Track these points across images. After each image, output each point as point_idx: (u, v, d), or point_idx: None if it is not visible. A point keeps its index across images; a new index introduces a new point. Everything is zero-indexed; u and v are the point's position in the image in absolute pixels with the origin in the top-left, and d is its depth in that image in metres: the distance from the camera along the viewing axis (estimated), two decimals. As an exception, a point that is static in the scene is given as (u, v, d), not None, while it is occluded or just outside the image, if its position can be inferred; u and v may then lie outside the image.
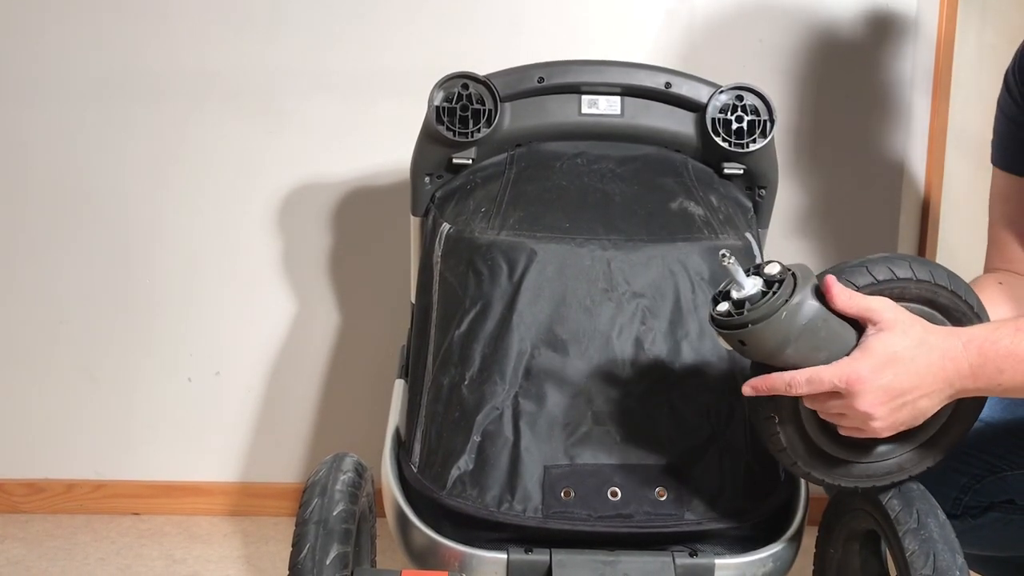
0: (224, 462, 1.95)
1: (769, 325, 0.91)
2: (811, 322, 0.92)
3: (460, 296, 1.16)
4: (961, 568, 0.97)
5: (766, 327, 0.91)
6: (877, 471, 1.03)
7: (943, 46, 1.80)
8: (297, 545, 1.00)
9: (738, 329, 0.92)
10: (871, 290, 0.97)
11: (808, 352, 0.93)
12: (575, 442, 1.09)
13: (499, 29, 1.79)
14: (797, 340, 0.92)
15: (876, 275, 0.97)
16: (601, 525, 1.06)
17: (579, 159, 1.30)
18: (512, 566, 1.04)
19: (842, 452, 1.02)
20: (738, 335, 0.93)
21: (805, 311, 0.92)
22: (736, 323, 0.92)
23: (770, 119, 1.30)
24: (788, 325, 0.92)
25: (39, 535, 1.88)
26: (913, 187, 1.86)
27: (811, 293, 0.93)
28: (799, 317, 0.92)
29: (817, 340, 0.93)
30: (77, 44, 1.81)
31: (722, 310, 0.94)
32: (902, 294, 0.98)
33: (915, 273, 0.98)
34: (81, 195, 1.86)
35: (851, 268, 0.98)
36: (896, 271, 0.98)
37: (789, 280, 0.93)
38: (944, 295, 0.99)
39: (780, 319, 0.91)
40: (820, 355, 0.94)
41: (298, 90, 1.82)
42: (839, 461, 1.02)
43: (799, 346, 0.93)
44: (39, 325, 1.91)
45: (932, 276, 0.99)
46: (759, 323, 0.91)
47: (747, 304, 0.93)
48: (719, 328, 0.95)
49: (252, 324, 1.91)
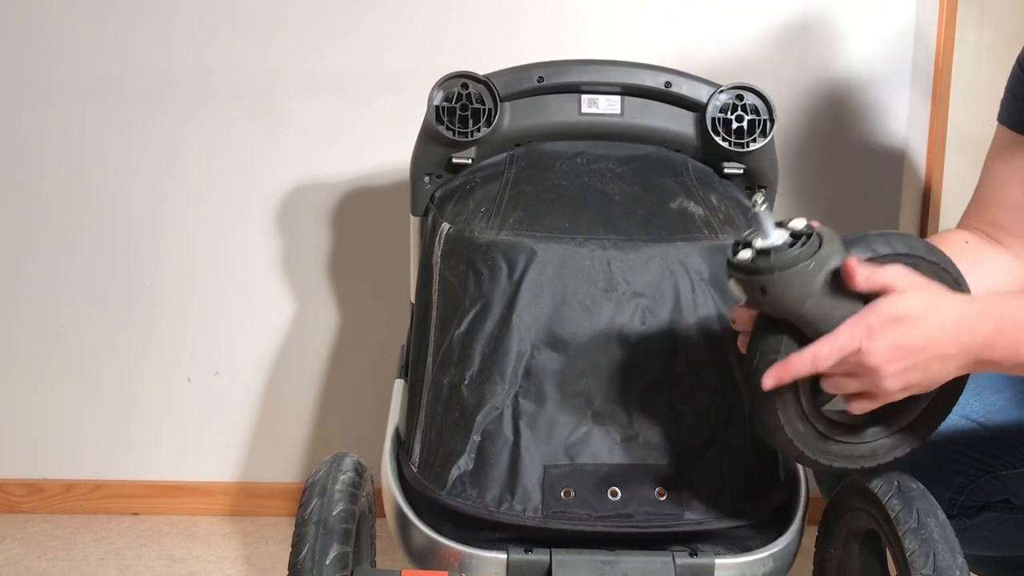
0: (223, 462, 1.95)
1: (796, 274, 0.90)
2: (835, 281, 0.92)
3: (460, 296, 1.16)
4: (961, 568, 0.97)
5: (793, 275, 0.90)
6: (852, 452, 1.02)
7: (942, 46, 1.80)
8: (297, 545, 1.00)
9: (763, 275, 0.91)
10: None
11: (828, 310, 0.92)
12: (575, 442, 1.09)
13: (499, 29, 1.80)
14: (819, 294, 0.91)
15: (878, 250, 0.97)
16: (601, 525, 1.06)
17: (579, 159, 1.29)
18: (512, 566, 1.04)
19: (828, 429, 1.01)
20: (761, 281, 0.91)
21: (830, 267, 0.92)
22: (762, 268, 0.91)
23: (770, 119, 1.30)
24: (813, 277, 0.91)
25: (38, 535, 1.88)
26: (913, 187, 1.86)
27: (838, 254, 0.93)
28: (824, 272, 0.91)
29: (836, 298, 0.92)
30: (77, 44, 1.81)
31: (744, 257, 0.93)
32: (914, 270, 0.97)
33: (927, 255, 0.98)
34: (81, 195, 1.86)
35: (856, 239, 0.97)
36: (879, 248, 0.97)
37: (816, 236, 0.93)
38: (924, 266, 0.98)
39: (807, 269, 0.91)
40: (836, 314, 0.92)
41: (298, 90, 1.82)
42: (824, 437, 1.01)
43: (820, 301, 0.91)
44: (39, 325, 1.91)
45: (942, 261, 0.98)
46: (787, 270, 0.90)
47: (772, 253, 0.91)
48: (741, 273, 0.93)
49: (251, 324, 1.91)
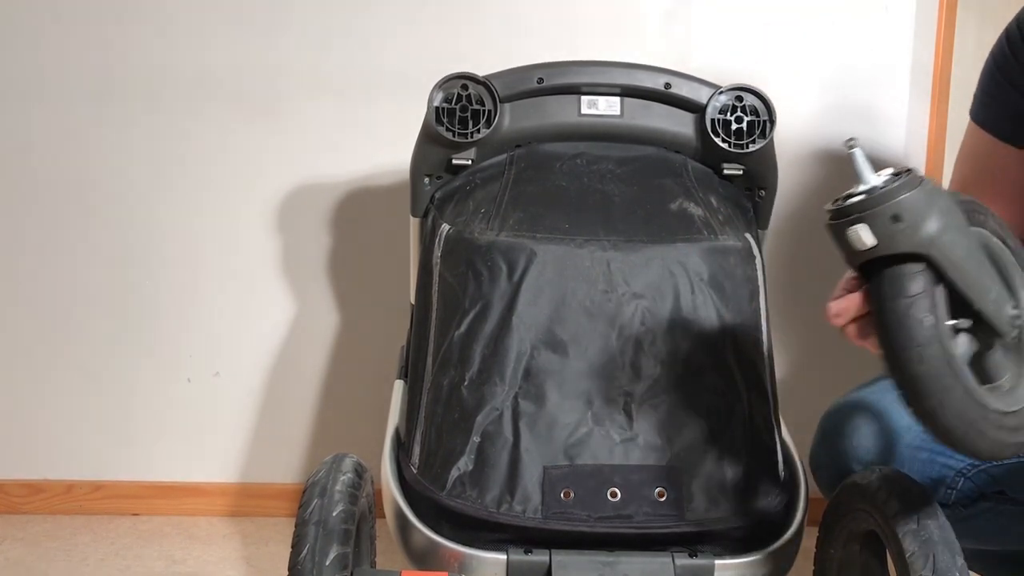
0: (223, 463, 1.95)
1: (923, 193, 0.83)
2: (952, 206, 0.87)
3: (460, 297, 1.16)
4: (961, 569, 0.97)
5: (921, 195, 0.83)
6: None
7: (942, 46, 1.80)
8: (297, 546, 1.00)
9: (893, 200, 0.83)
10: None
11: (955, 237, 0.86)
12: (575, 443, 1.09)
13: (499, 29, 1.79)
14: (947, 216, 0.85)
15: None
16: (601, 526, 1.06)
17: (579, 160, 1.29)
18: (512, 567, 1.04)
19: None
20: (893, 207, 0.83)
21: (944, 193, 0.87)
22: (889, 194, 0.83)
23: (770, 120, 1.30)
24: (938, 199, 0.85)
25: (38, 536, 1.88)
26: (913, 187, 1.86)
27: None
28: (943, 195, 0.86)
29: (959, 226, 0.87)
30: (77, 44, 1.81)
31: (861, 191, 0.85)
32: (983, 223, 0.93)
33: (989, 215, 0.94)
34: (81, 195, 1.86)
35: None
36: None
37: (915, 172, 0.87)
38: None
39: (930, 188, 0.84)
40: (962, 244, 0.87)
41: (298, 90, 1.82)
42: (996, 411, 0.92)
43: (949, 223, 0.85)
44: (39, 325, 1.91)
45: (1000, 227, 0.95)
46: (915, 190, 0.83)
47: (894, 180, 0.85)
48: (869, 208, 0.84)
49: (252, 324, 1.91)
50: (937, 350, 0.85)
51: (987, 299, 0.89)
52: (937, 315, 0.86)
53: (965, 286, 0.88)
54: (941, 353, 0.85)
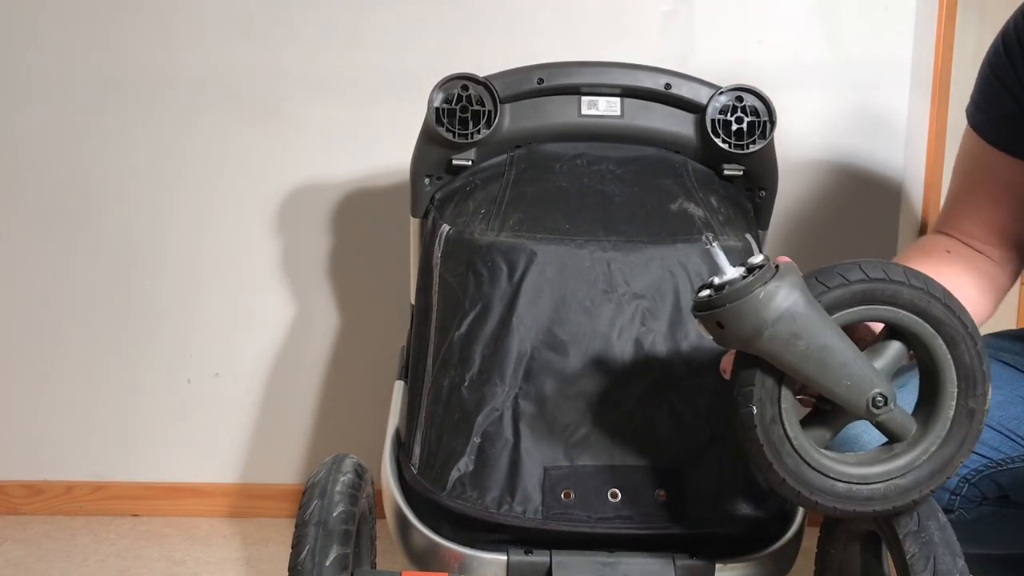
0: (224, 463, 1.95)
1: (746, 304, 0.91)
2: (790, 310, 0.92)
3: (460, 297, 1.16)
4: (962, 571, 0.97)
5: (742, 306, 0.91)
6: (859, 495, 0.99)
7: (942, 46, 1.80)
8: (297, 546, 1.00)
9: (715, 309, 0.92)
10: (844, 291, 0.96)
11: (787, 338, 0.92)
12: (575, 443, 1.09)
13: (499, 30, 1.79)
14: (774, 325, 0.91)
15: (848, 277, 0.96)
16: (601, 527, 1.06)
17: (579, 160, 1.29)
18: (512, 567, 1.04)
19: (827, 467, 0.99)
20: (715, 316, 0.92)
21: (783, 296, 0.92)
22: (714, 303, 0.92)
23: (770, 120, 1.30)
24: (764, 308, 0.91)
25: (39, 537, 1.88)
26: (913, 187, 1.86)
27: (792, 283, 0.93)
28: (776, 301, 0.91)
29: (796, 328, 0.92)
30: (77, 45, 1.81)
31: (703, 296, 0.94)
32: (894, 297, 0.96)
33: (908, 279, 0.96)
34: (81, 196, 1.86)
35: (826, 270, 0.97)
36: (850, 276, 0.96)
37: (770, 266, 0.93)
38: (906, 291, 0.96)
39: (757, 299, 0.91)
40: (799, 344, 0.93)
41: (298, 91, 1.82)
42: (823, 475, 0.99)
43: (776, 331, 0.92)
44: (39, 326, 1.91)
45: (926, 285, 0.97)
46: (736, 302, 0.91)
47: (727, 287, 0.92)
48: (699, 311, 0.94)
49: (252, 325, 1.91)
50: (755, 434, 0.95)
51: (839, 387, 0.94)
52: (765, 402, 0.95)
53: (804, 378, 0.94)
54: (760, 437, 0.95)
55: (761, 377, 0.95)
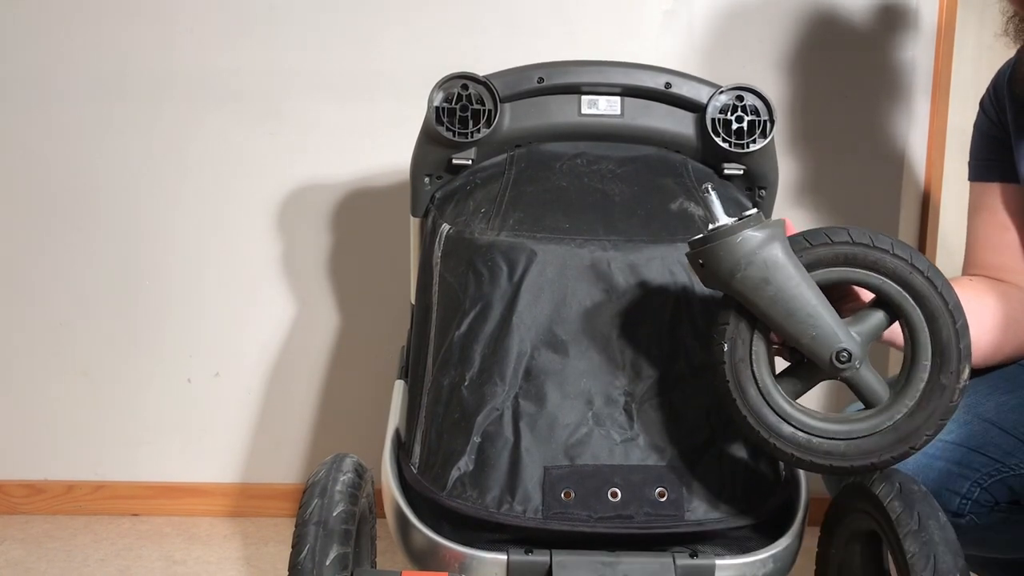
0: (224, 463, 1.95)
1: (724, 245, 0.97)
2: (763, 255, 0.97)
3: (460, 297, 1.16)
4: (962, 571, 0.97)
5: (721, 246, 0.97)
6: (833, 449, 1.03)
7: (942, 46, 1.80)
8: (297, 546, 1.00)
9: (700, 247, 0.98)
10: (827, 250, 1.00)
11: (757, 282, 0.97)
12: (575, 443, 1.09)
13: (499, 29, 1.80)
14: (746, 268, 0.97)
15: (833, 238, 1.00)
16: (601, 526, 1.05)
17: (579, 160, 1.29)
18: (512, 567, 1.04)
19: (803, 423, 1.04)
20: (699, 254, 0.99)
21: (759, 242, 0.97)
22: (698, 241, 0.99)
23: (770, 119, 1.30)
24: (740, 250, 0.97)
25: (39, 536, 1.88)
26: (913, 187, 1.86)
27: (772, 234, 0.98)
28: (751, 245, 0.97)
29: (767, 273, 0.97)
30: (77, 44, 1.81)
31: (696, 237, 1.00)
32: (876, 264, 1.00)
33: (893, 248, 1.00)
34: (81, 196, 1.86)
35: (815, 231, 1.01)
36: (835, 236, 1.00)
37: (758, 217, 0.98)
38: (889, 260, 1.00)
39: (735, 242, 0.97)
40: (768, 288, 0.97)
41: (298, 91, 1.82)
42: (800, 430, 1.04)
43: (748, 274, 0.97)
44: (40, 326, 1.91)
45: (911, 257, 1.00)
46: (716, 242, 0.97)
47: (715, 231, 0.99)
48: (688, 250, 1.00)
49: (252, 325, 1.91)
50: (723, 369, 1.01)
51: (803, 336, 0.99)
52: (737, 341, 1.01)
53: (774, 325, 0.99)
54: (728, 373, 1.01)
55: (736, 318, 1.01)
